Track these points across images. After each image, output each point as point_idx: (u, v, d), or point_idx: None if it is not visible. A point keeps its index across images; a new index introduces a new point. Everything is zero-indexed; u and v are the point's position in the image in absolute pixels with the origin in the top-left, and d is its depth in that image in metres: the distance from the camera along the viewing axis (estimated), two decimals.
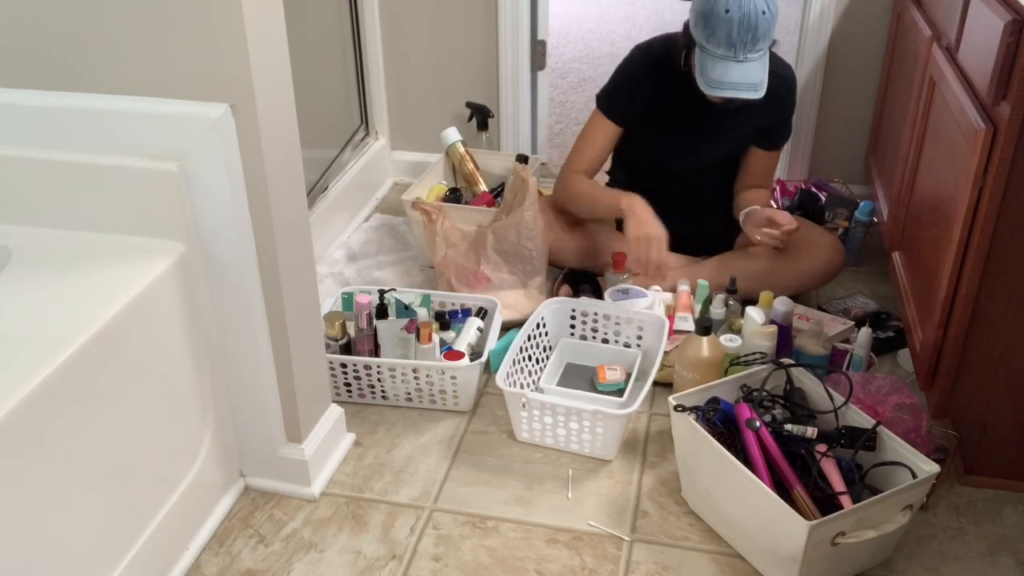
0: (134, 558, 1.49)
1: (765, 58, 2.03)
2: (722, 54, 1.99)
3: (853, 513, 1.49)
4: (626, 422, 1.85)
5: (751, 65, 2.00)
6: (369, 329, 2.03)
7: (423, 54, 2.93)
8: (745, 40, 1.96)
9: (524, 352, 2.04)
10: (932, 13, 2.15)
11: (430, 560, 1.66)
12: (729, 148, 2.33)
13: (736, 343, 2.01)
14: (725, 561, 1.66)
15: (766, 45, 2.01)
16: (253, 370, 1.67)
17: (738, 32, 1.96)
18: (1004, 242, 1.60)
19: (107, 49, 1.47)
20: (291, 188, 1.60)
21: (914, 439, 1.67)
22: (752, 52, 1.99)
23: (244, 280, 1.57)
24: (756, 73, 2.01)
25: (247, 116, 1.45)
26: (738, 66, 1.99)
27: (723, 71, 2.00)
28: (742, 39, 1.96)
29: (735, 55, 1.98)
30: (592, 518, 1.75)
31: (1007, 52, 1.53)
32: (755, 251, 2.30)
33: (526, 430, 1.92)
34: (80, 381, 1.32)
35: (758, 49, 1.99)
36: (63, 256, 1.51)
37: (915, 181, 2.10)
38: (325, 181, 2.68)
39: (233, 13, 1.37)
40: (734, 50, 1.98)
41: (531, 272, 2.30)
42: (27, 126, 1.52)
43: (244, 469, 1.81)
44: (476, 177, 2.75)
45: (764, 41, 1.99)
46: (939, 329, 1.75)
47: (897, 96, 2.46)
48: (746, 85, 2.01)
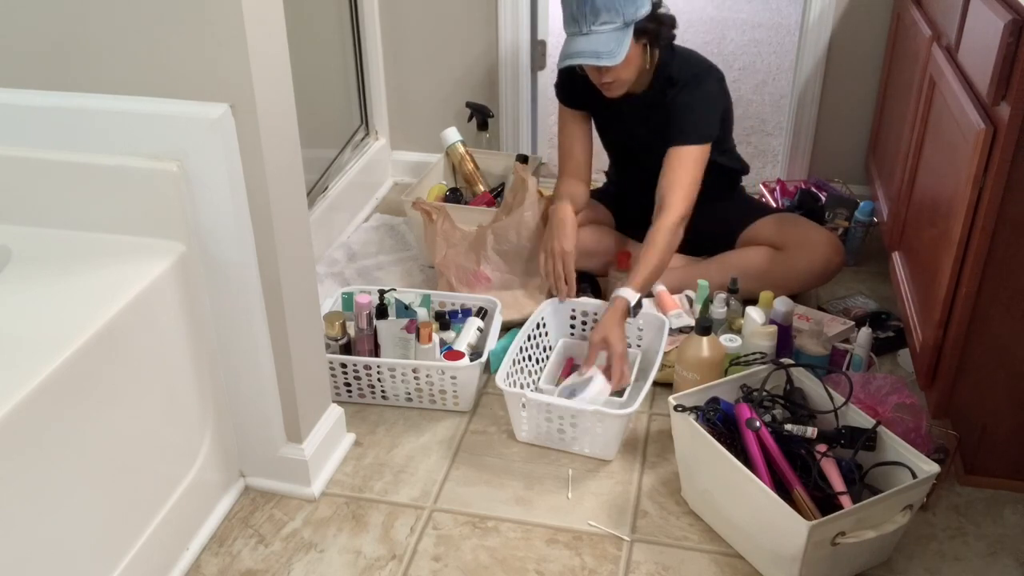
0: (134, 558, 1.49)
1: (619, 33, 2.05)
2: (571, 31, 2.10)
3: (853, 513, 1.49)
4: (626, 422, 1.85)
5: (596, 37, 2.06)
6: (369, 329, 2.03)
7: (423, 54, 2.93)
8: (584, 11, 2.05)
9: (524, 352, 2.04)
10: (932, 13, 2.15)
11: (430, 560, 1.66)
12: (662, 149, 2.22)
13: (736, 343, 2.01)
14: (725, 561, 1.66)
15: (613, 17, 2.04)
16: (253, 370, 1.67)
17: (577, 6, 2.06)
18: (1004, 242, 1.60)
19: (107, 49, 1.47)
20: (291, 188, 1.60)
21: (914, 439, 1.67)
22: (595, 24, 2.05)
23: (244, 280, 1.57)
24: (601, 43, 2.05)
25: (247, 116, 1.45)
26: (583, 38, 2.07)
27: (570, 43, 2.09)
28: (581, 11, 2.05)
29: (580, 28, 2.07)
30: (592, 518, 1.75)
31: (1007, 52, 1.53)
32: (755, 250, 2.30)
33: (525, 430, 1.92)
34: (80, 381, 1.32)
35: (602, 22, 2.04)
36: (63, 256, 1.51)
37: (915, 181, 2.10)
38: (325, 181, 2.68)
39: (233, 13, 1.37)
40: (578, 24, 2.07)
41: (531, 272, 2.30)
42: (27, 126, 1.52)
43: (244, 469, 1.81)
44: (476, 177, 2.75)
45: (608, 13, 2.03)
46: (939, 329, 1.75)
47: (897, 96, 2.45)
48: (588, 52, 2.06)
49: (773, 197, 2.76)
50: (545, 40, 2.94)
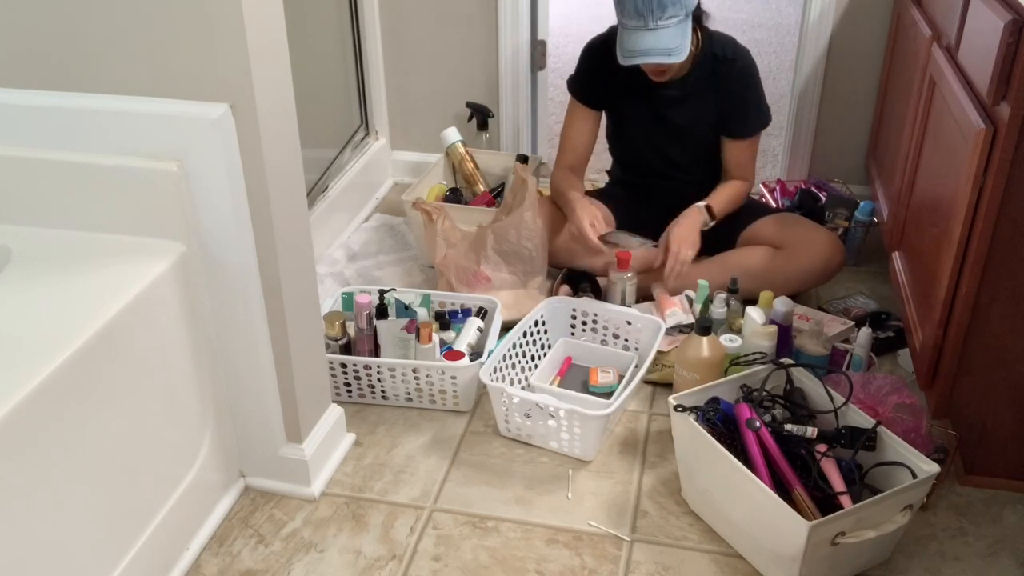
0: (134, 558, 1.49)
1: (682, 25, 2.04)
2: (634, 25, 2.05)
3: (853, 513, 1.49)
4: (604, 424, 1.84)
5: (664, 32, 2.03)
6: (369, 329, 2.03)
7: (423, 54, 2.93)
8: (652, 6, 2.01)
9: (517, 348, 2.04)
10: (932, 13, 2.15)
11: (430, 560, 1.66)
12: (691, 136, 2.32)
13: (736, 343, 2.01)
14: (725, 561, 1.66)
15: (679, 11, 2.02)
16: (253, 370, 1.67)
17: (642, 1, 2.01)
18: (1004, 242, 1.60)
19: (107, 49, 1.47)
20: (291, 188, 1.60)
21: (914, 439, 1.67)
22: (662, 19, 2.02)
23: (244, 280, 1.57)
24: (669, 39, 2.03)
25: (247, 116, 1.45)
26: (650, 34, 2.03)
27: (636, 40, 2.05)
28: (648, 6, 2.01)
29: (646, 24, 2.03)
30: (592, 518, 1.75)
31: (1007, 52, 1.53)
32: (755, 250, 2.30)
33: (505, 426, 1.92)
34: (80, 381, 1.32)
35: (668, 16, 2.02)
36: (63, 256, 1.51)
37: (915, 181, 2.10)
38: (325, 181, 2.68)
39: (233, 13, 1.37)
40: (643, 19, 2.03)
41: (531, 272, 2.30)
42: (27, 126, 1.52)
43: (244, 469, 1.81)
44: (476, 177, 2.75)
45: (674, 7, 2.01)
46: (939, 329, 1.75)
47: (897, 96, 2.45)
48: (658, 50, 2.03)
49: (773, 197, 2.76)
50: (545, 40, 2.94)
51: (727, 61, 2.22)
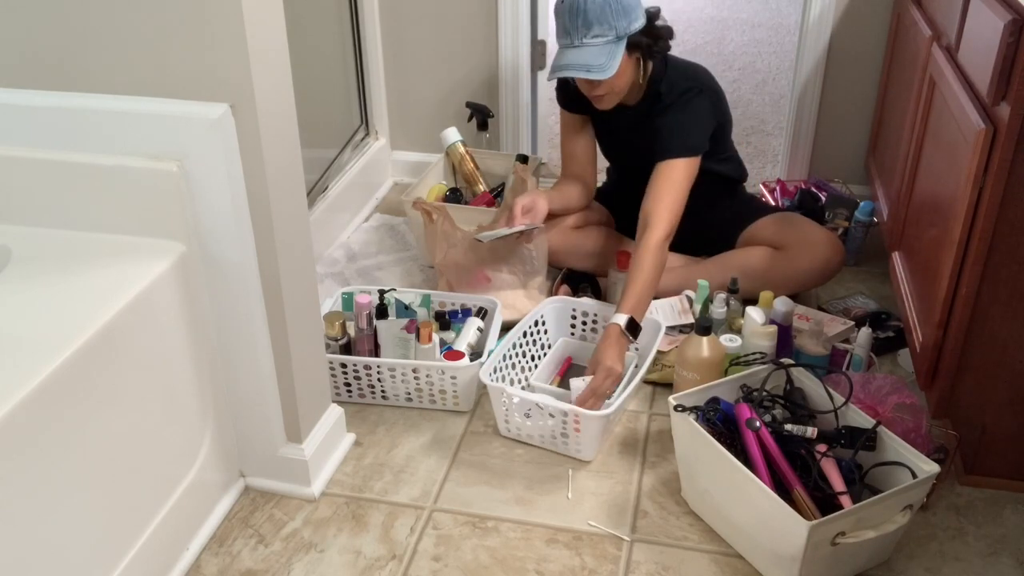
0: (134, 558, 1.49)
1: (610, 46, 2.03)
2: (563, 43, 2.08)
3: (853, 513, 1.49)
4: (603, 424, 1.84)
5: (587, 50, 2.04)
6: (369, 329, 2.03)
7: (423, 54, 2.93)
8: (576, 24, 2.03)
9: (517, 348, 2.04)
10: (932, 13, 2.15)
11: (430, 560, 1.66)
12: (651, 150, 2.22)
13: (736, 343, 2.01)
14: (725, 561, 1.66)
15: (606, 31, 2.03)
16: (253, 370, 1.67)
17: (569, 18, 2.04)
18: (1004, 242, 1.60)
19: (107, 49, 1.47)
20: (291, 188, 1.60)
21: (914, 439, 1.67)
22: (587, 37, 2.03)
23: (244, 280, 1.57)
24: (592, 56, 2.04)
25: (247, 116, 1.45)
26: (574, 51, 2.06)
27: (561, 55, 2.08)
28: (573, 24, 2.03)
29: (572, 41, 2.06)
30: (592, 518, 1.75)
31: (1007, 52, 1.53)
32: (755, 250, 2.31)
33: (505, 426, 1.92)
34: (80, 381, 1.32)
35: (594, 35, 2.03)
36: (63, 256, 1.51)
37: (915, 181, 2.10)
38: (325, 181, 2.68)
39: (233, 13, 1.37)
40: (570, 37, 2.06)
41: (531, 272, 2.30)
42: (27, 126, 1.52)
43: (244, 469, 1.81)
44: (476, 177, 2.75)
45: (600, 26, 2.02)
46: (939, 329, 1.75)
47: (897, 96, 2.46)
48: (578, 65, 2.05)
49: (773, 197, 2.76)
50: (545, 40, 2.94)
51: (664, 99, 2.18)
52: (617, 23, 2.03)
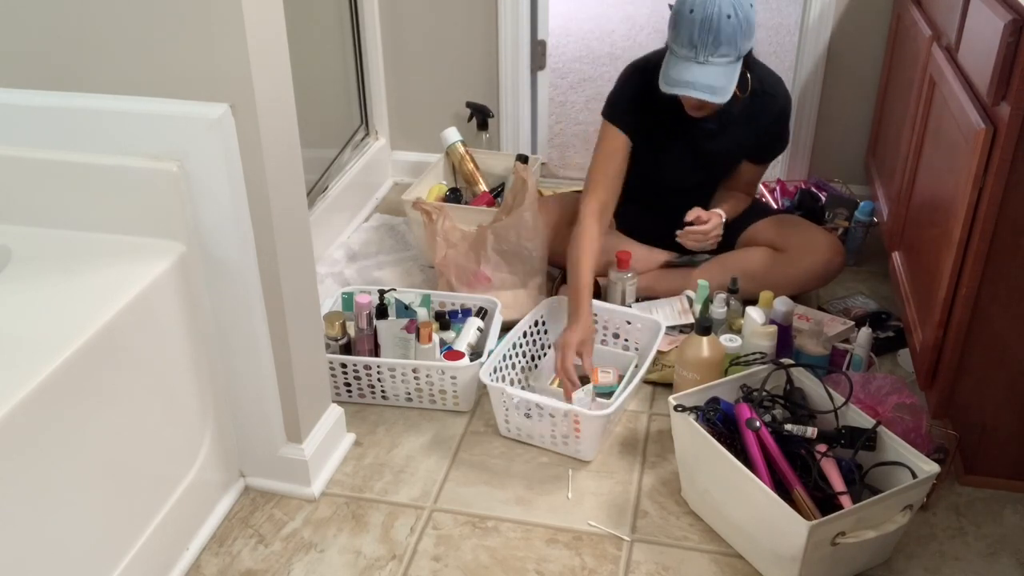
0: (134, 558, 1.49)
1: (731, 67, 2.02)
2: (684, 54, 2.01)
3: (853, 513, 1.49)
4: (603, 424, 1.84)
5: (712, 69, 2.00)
6: (369, 329, 2.03)
7: (423, 54, 2.93)
8: (706, 41, 1.97)
9: (517, 348, 2.04)
10: (932, 13, 2.15)
11: (430, 560, 1.66)
12: (723, 163, 2.35)
13: (736, 343, 2.01)
14: (725, 561, 1.66)
15: (732, 51, 2.00)
16: (253, 370, 1.67)
17: (699, 32, 1.97)
18: (1004, 242, 1.60)
19: (107, 49, 1.47)
20: (291, 188, 1.60)
21: (914, 439, 1.67)
22: (714, 55, 1.99)
23: (244, 280, 1.57)
24: (716, 77, 2.00)
25: (247, 116, 1.45)
26: (698, 67, 2.00)
27: (682, 70, 2.01)
28: (703, 39, 1.97)
29: (696, 56, 1.99)
30: (592, 518, 1.75)
31: (1007, 52, 1.53)
32: (755, 251, 2.31)
33: (506, 426, 1.92)
34: (80, 381, 1.32)
35: (721, 54, 1.99)
36: (63, 256, 1.51)
37: (915, 181, 2.10)
38: (325, 181, 2.68)
39: (233, 13, 1.37)
40: (695, 51, 1.99)
41: (531, 272, 2.30)
42: (27, 126, 1.52)
43: (244, 469, 1.81)
44: (476, 177, 2.75)
45: (728, 46, 1.98)
46: (939, 329, 1.75)
47: (897, 96, 2.46)
48: (703, 85, 2.00)
49: (773, 197, 2.76)
50: (545, 40, 2.94)
51: (767, 96, 2.21)
52: (742, 45, 2.01)
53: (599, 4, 5.01)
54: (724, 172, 2.39)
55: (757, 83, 2.17)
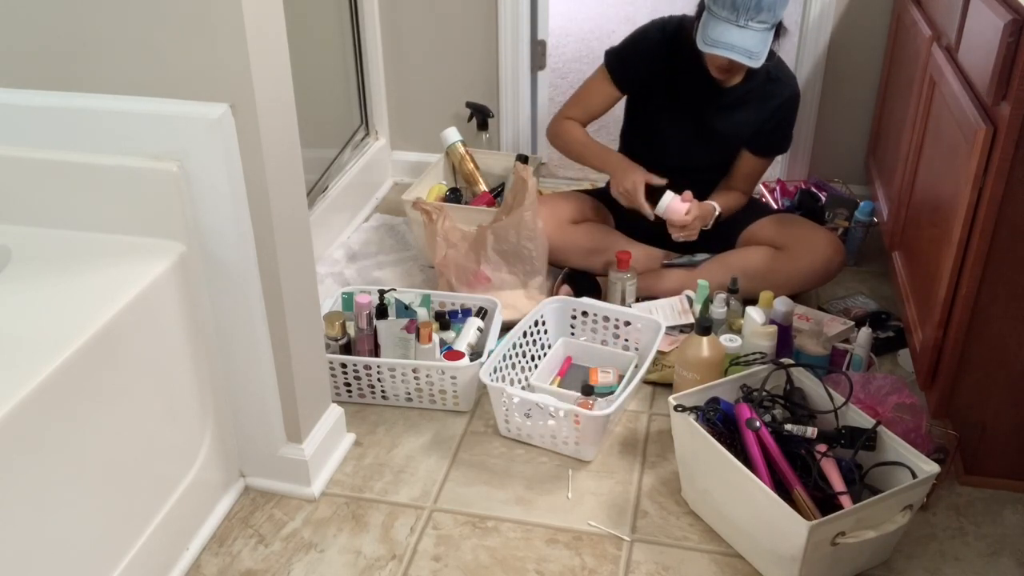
0: (134, 558, 1.49)
1: (767, 33, 2.04)
2: (725, 16, 2.02)
3: (853, 513, 1.49)
4: (603, 424, 1.84)
5: (751, 33, 2.02)
6: (369, 329, 2.03)
7: (423, 54, 2.93)
8: (748, 5, 1.99)
9: (517, 348, 2.05)
10: (932, 13, 2.15)
11: (430, 560, 1.66)
12: (725, 143, 2.34)
13: (736, 343, 2.01)
14: (725, 561, 1.66)
15: (770, 18, 2.02)
16: (253, 370, 1.67)
17: None
18: (1004, 242, 1.60)
19: (107, 49, 1.47)
20: (291, 188, 1.60)
21: (914, 439, 1.67)
22: (754, 20, 2.01)
23: (244, 280, 1.57)
24: (754, 42, 2.02)
25: (247, 116, 1.45)
26: (738, 31, 2.02)
27: (722, 31, 2.03)
28: (746, 4, 1.99)
29: (737, 19, 2.01)
30: (592, 518, 1.75)
31: (1007, 52, 1.53)
32: (755, 251, 2.31)
33: (505, 426, 1.92)
34: (80, 381, 1.32)
35: (761, 20, 2.01)
36: (63, 256, 1.51)
37: (915, 181, 2.10)
38: (325, 181, 2.68)
39: (233, 13, 1.37)
40: (736, 14, 2.01)
41: (531, 272, 2.30)
42: (27, 126, 1.52)
43: (244, 469, 1.81)
44: (476, 177, 2.75)
45: (768, 13, 2.01)
46: (939, 329, 1.75)
47: (897, 96, 2.46)
48: (741, 49, 2.02)
49: (773, 197, 2.76)
50: (545, 40, 2.94)
51: (780, 82, 2.24)
52: (779, 12, 2.03)
53: (599, 4, 5.01)
54: (724, 155, 2.37)
55: (774, 68, 2.18)
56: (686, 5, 2.16)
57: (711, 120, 2.27)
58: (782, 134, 2.35)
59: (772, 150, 2.39)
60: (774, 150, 2.39)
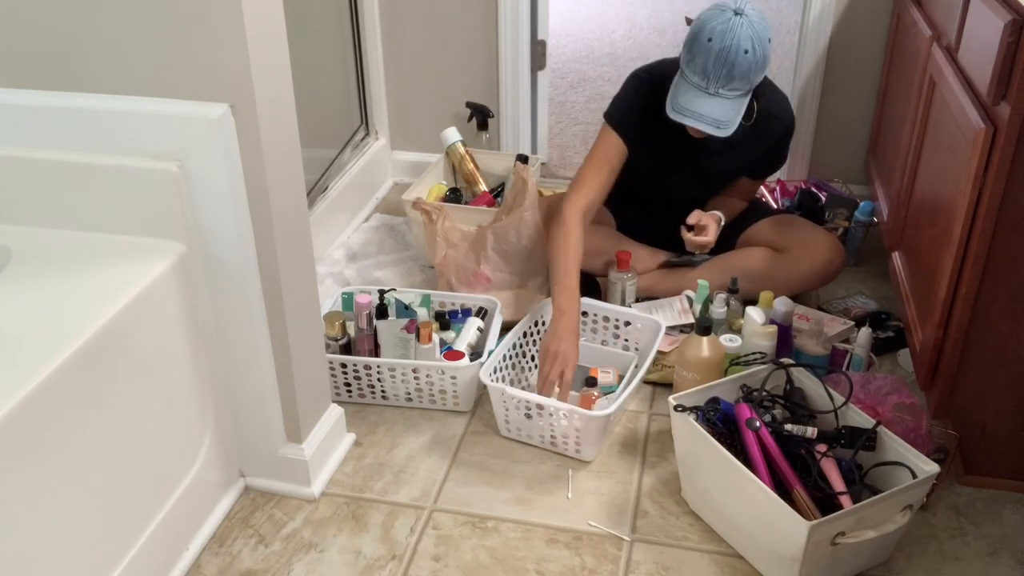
0: (134, 558, 1.49)
1: (740, 100, 2.00)
2: (695, 82, 1.99)
3: (853, 513, 1.49)
4: (603, 424, 1.84)
5: (720, 101, 1.98)
6: (369, 329, 2.03)
7: (423, 54, 2.93)
8: (720, 74, 1.95)
9: (517, 348, 2.04)
10: (932, 13, 2.15)
11: (430, 560, 1.66)
12: (722, 181, 2.37)
13: (736, 343, 2.01)
14: (725, 561, 1.66)
15: (743, 87, 1.98)
16: (253, 370, 1.67)
17: (714, 64, 1.94)
18: (1004, 242, 1.60)
19: (107, 49, 1.47)
20: (291, 188, 1.60)
21: (914, 439, 1.67)
22: (725, 88, 1.97)
23: (244, 280, 1.57)
24: (724, 111, 1.98)
25: (247, 116, 1.45)
26: (707, 99, 1.98)
27: (691, 99, 1.99)
28: (716, 72, 1.95)
29: (707, 86, 1.97)
30: (592, 518, 1.75)
31: (1007, 52, 1.53)
32: (755, 251, 2.31)
33: (506, 426, 1.92)
34: (80, 381, 1.32)
35: (733, 88, 1.97)
36: (63, 256, 1.51)
37: (915, 181, 2.10)
38: (325, 181, 2.68)
39: (233, 13, 1.37)
40: (707, 81, 1.97)
41: (531, 272, 2.30)
42: (27, 126, 1.52)
43: (244, 469, 1.81)
44: (476, 177, 2.75)
45: (740, 81, 1.96)
46: (939, 329, 1.75)
47: (897, 96, 2.46)
48: (709, 119, 1.98)
49: (773, 197, 2.76)
50: (545, 40, 2.94)
51: (774, 119, 2.21)
52: (754, 79, 1.99)
53: (599, 4, 5.01)
54: (721, 189, 2.41)
55: (765, 107, 2.16)
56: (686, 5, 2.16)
57: (705, 163, 2.27)
58: (779, 159, 2.39)
59: (769, 172, 2.43)
60: (771, 172, 2.44)
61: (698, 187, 2.34)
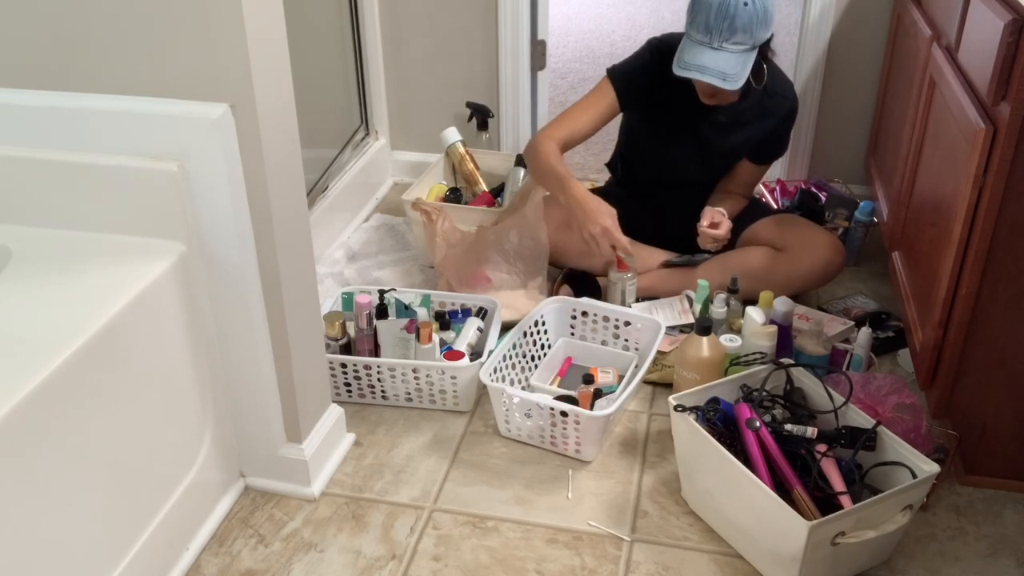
0: (134, 558, 1.49)
1: (746, 55, 2.03)
2: (699, 38, 2.03)
3: (853, 513, 1.49)
4: (603, 425, 1.84)
5: (725, 55, 2.01)
6: (369, 329, 2.03)
7: (423, 54, 2.93)
8: (721, 27, 1.99)
9: (517, 348, 2.05)
10: (932, 13, 2.15)
11: (430, 560, 1.66)
12: (725, 161, 2.37)
13: (736, 343, 2.01)
14: (725, 561, 1.66)
15: (746, 39, 2.01)
16: (253, 370, 1.67)
17: (715, 18, 1.98)
18: (1004, 242, 1.60)
19: (107, 49, 1.47)
20: (291, 188, 1.60)
21: (914, 439, 1.67)
22: (728, 42, 2.00)
23: (244, 280, 1.57)
24: (729, 63, 2.01)
25: (247, 116, 1.45)
26: (712, 53, 2.01)
27: (696, 54, 2.03)
28: (718, 26, 1.99)
29: (711, 41, 2.01)
30: (592, 518, 1.75)
31: (1007, 52, 1.53)
32: (755, 251, 2.31)
33: (506, 426, 1.92)
34: (80, 381, 1.32)
35: (736, 41, 2.00)
36: (63, 256, 1.51)
37: (915, 181, 2.10)
38: (325, 181, 2.68)
39: (233, 13, 1.37)
40: (710, 36, 2.01)
41: (531, 272, 2.30)
42: (27, 126, 1.52)
43: (244, 469, 1.81)
44: (476, 177, 2.75)
45: (743, 34, 2.00)
46: (939, 329, 1.75)
47: (897, 96, 2.46)
48: (714, 71, 2.01)
49: (773, 197, 2.76)
50: (545, 40, 2.94)
51: (778, 97, 2.24)
52: (757, 33, 2.01)
53: (599, 4, 5.01)
54: (725, 168, 2.39)
55: (771, 84, 2.18)
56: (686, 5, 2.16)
57: (710, 139, 2.27)
58: (781, 143, 2.38)
59: (771, 157, 2.42)
60: (772, 157, 2.42)
61: (701, 167, 2.33)
